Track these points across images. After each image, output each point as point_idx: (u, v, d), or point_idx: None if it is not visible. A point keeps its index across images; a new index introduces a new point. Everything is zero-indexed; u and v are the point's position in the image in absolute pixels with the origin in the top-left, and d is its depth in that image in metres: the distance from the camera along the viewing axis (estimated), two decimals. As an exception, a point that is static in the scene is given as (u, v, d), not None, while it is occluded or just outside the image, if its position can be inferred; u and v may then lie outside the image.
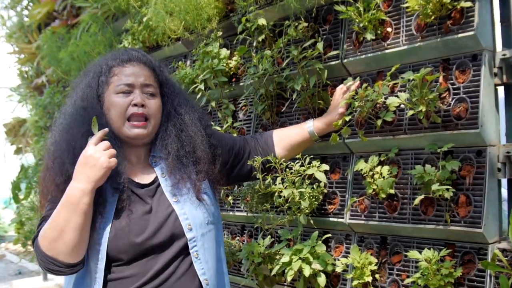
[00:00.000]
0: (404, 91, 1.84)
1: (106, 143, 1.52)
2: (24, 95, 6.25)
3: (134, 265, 1.58)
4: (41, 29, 5.35)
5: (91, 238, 1.56)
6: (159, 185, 1.68)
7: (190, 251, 1.63)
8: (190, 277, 1.63)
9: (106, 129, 1.56)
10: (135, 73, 1.66)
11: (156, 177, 1.70)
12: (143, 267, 1.58)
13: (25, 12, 5.83)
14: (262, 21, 2.17)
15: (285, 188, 1.98)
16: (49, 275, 6.79)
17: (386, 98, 1.86)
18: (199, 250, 1.65)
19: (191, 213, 1.65)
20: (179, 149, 1.69)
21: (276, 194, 2.02)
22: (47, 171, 1.64)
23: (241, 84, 2.52)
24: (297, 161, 2.00)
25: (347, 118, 1.86)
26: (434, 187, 1.65)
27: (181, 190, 1.66)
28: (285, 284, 2.23)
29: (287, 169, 1.98)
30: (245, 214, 2.48)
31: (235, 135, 2.47)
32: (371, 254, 1.93)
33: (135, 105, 1.63)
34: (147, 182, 1.69)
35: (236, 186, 2.48)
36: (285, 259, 1.95)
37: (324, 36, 2.12)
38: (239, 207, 2.52)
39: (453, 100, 1.74)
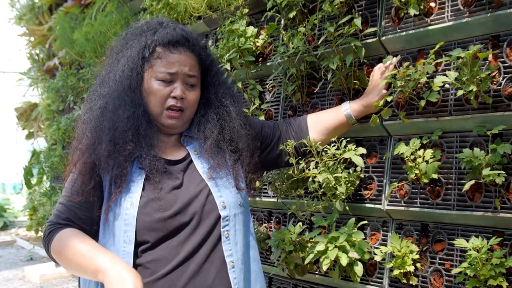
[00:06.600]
0: (449, 70, 1.73)
1: None
2: (35, 79, 6.14)
3: (163, 246, 1.49)
4: (53, 10, 5.23)
5: (118, 218, 1.49)
6: (191, 161, 1.61)
7: (221, 230, 1.54)
8: (221, 259, 1.54)
9: None
10: (181, 61, 1.56)
11: (188, 153, 1.62)
12: (174, 248, 1.49)
13: (36, -7, 5.70)
14: (297, -4, 2.04)
15: (319, 173, 1.89)
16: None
17: (429, 78, 1.76)
18: (230, 230, 1.56)
19: (225, 192, 1.57)
20: (218, 135, 1.62)
21: (310, 179, 1.92)
22: (82, 144, 1.56)
23: (268, 63, 2.41)
24: (333, 144, 1.90)
25: (389, 99, 1.75)
26: (485, 171, 1.55)
27: (218, 173, 1.58)
28: (317, 272, 2.14)
29: (323, 153, 1.88)
30: (272, 199, 2.38)
31: (262, 118, 2.37)
32: (411, 242, 1.84)
33: (174, 97, 1.56)
34: (178, 158, 1.61)
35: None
36: (320, 247, 1.85)
37: (360, 12, 2.01)
38: (266, 192, 2.42)
39: (504, 80, 1.63)
